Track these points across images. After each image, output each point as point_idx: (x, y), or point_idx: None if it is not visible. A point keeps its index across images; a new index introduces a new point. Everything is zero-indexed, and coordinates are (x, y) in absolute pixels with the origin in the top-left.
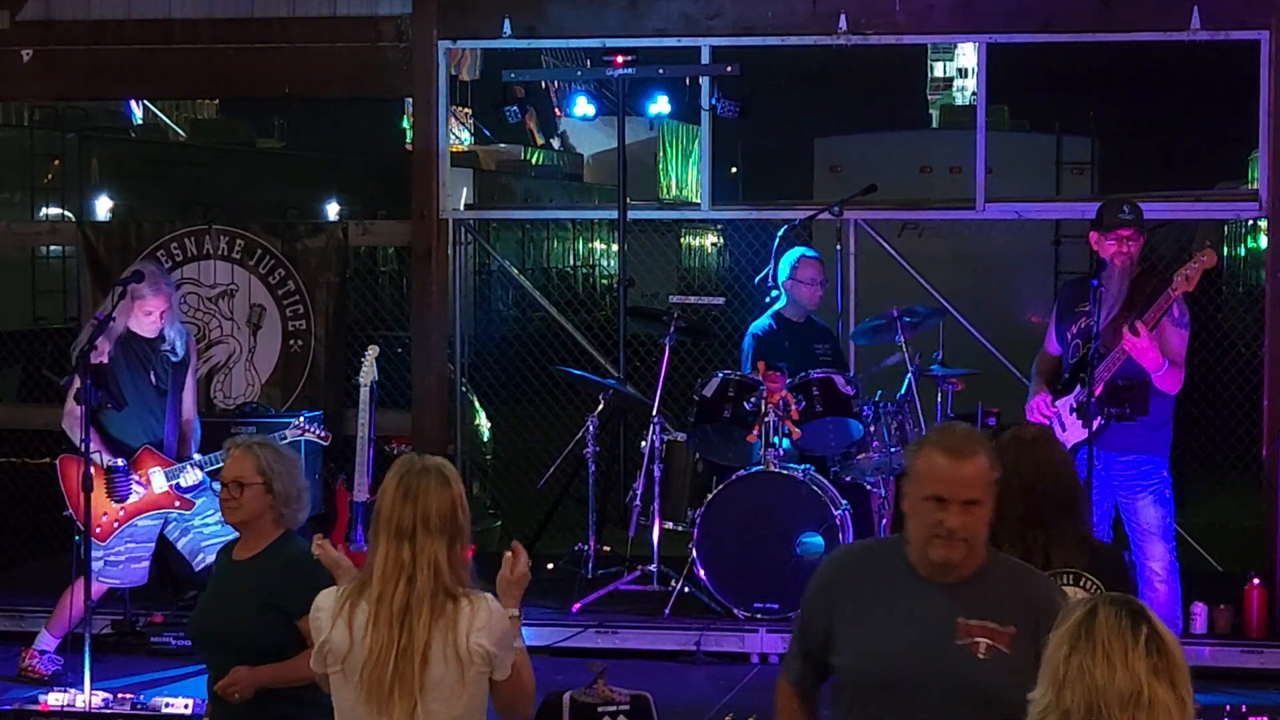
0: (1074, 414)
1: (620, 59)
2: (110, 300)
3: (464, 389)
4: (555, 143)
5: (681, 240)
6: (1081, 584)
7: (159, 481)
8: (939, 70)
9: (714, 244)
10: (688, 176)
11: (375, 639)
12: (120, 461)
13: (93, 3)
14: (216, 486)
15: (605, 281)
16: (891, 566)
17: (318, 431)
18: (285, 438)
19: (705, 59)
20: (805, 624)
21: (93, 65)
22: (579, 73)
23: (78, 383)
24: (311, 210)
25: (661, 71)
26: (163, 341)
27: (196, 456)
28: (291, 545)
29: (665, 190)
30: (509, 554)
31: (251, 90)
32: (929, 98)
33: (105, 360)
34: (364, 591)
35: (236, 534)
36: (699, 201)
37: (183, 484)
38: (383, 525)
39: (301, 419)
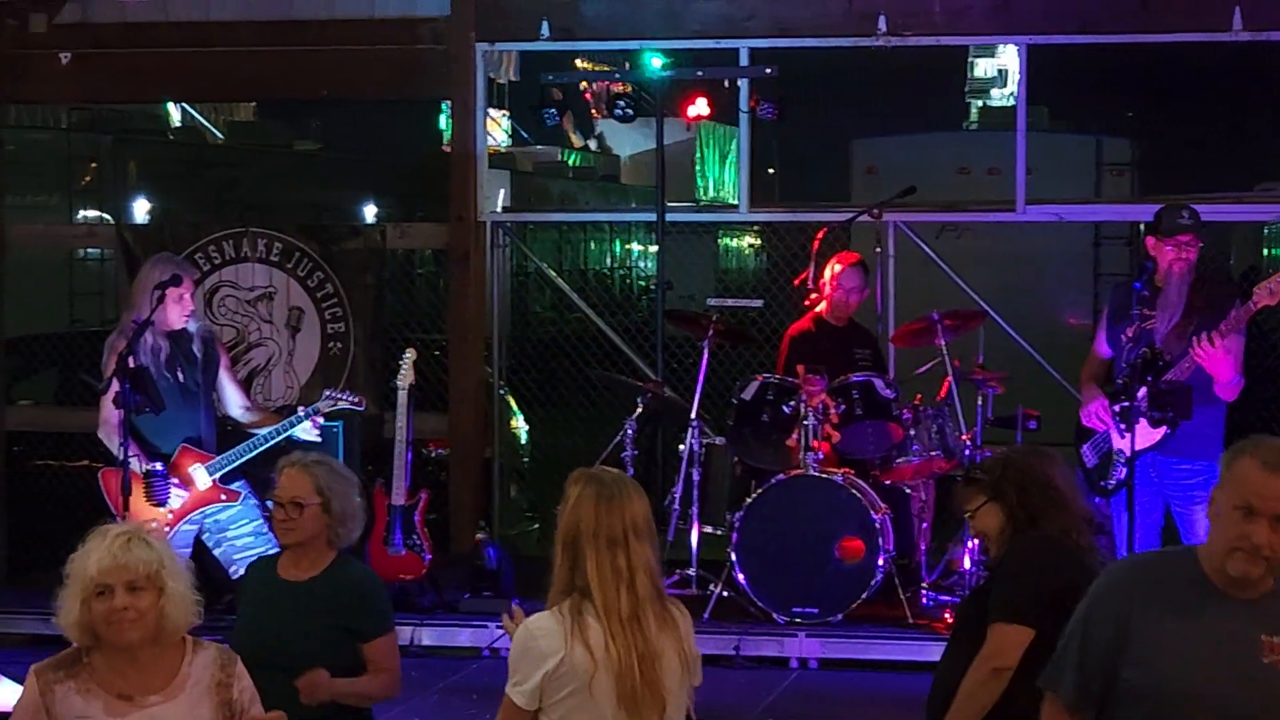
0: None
1: (658, 61)
2: (148, 304)
3: (502, 391)
4: (592, 144)
5: (719, 241)
6: None
7: (201, 478)
8: (980, 70)
9: (751, 245)
10: (725, 178)
11: (616, 651)
12: (158, 465)
13: (130, 6)
14: (250, 497)
15: (642, 283)
16: (1185, 578)
17: (350, 399)
18: (320, 411)
19: (743, 61)
20: (1088, 632)
21: (130, 68)
22: (617, 75)
23: (115, 387)
24: (348, 212)
25: (699, 74)
26: (190, 339)
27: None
28: (354, 567)
29: (703, 192)
30: None
31: (289, 93)
32: (968, 100)
33: (144, 365)
34: (584, 607)
35: (267, 548)
36: (737, 203)
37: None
38: (588, 537)
39: (329, 391)
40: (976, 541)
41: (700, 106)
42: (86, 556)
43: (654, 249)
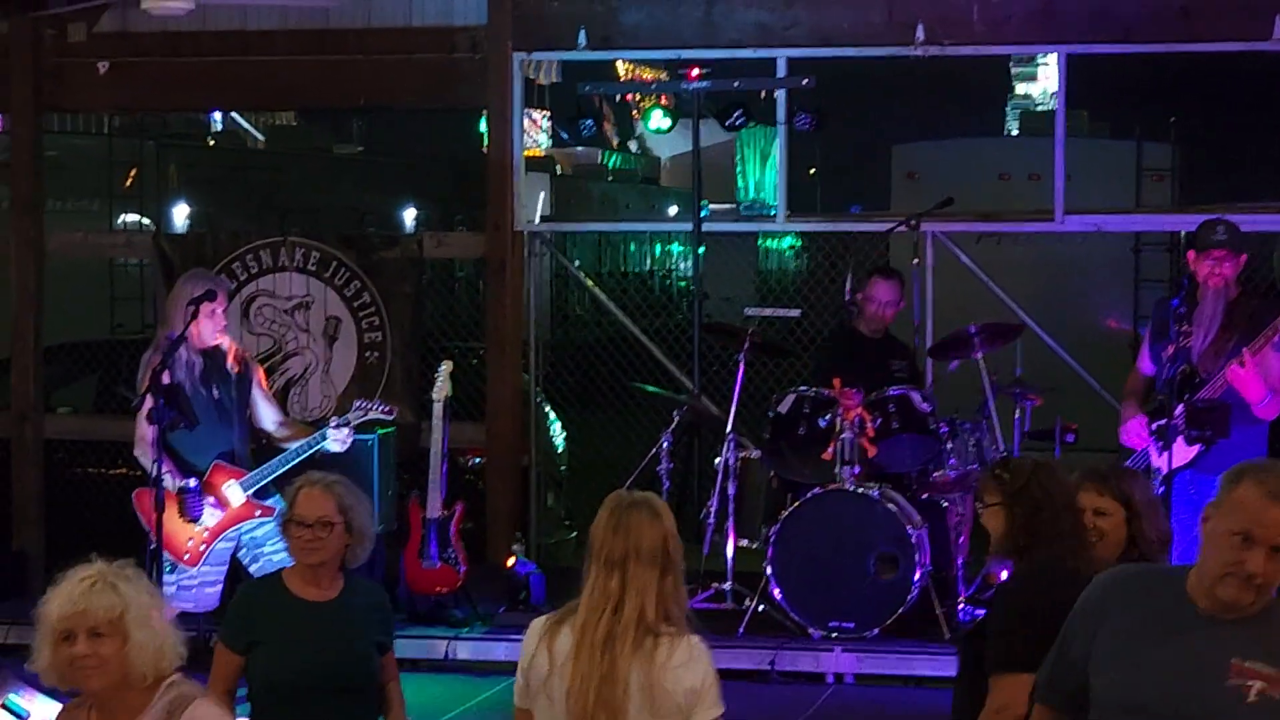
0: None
1: (695, 71)
2: (181, 320)
3: (539, 399)
4: (633, 145)
5: (759, 244)
6: None
7: (236, 494)
8: (1021, 76)
9: (792, 248)
10: (766, 179)
11: (577, 667)
12: (192, 482)
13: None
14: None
15: (683, 284)
16: (1168, 595)
17: (381, 408)
18: (350, 422)
19: (781, 70)
20: (1066, 634)
21: (168, 77)
22: (653, 86)
23: (149, 403)
24: (388, 216)
25: (737, 85)
26: (223, 355)
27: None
28: (366, 582)
29: (743, 192)
30: None
31: (327, 101)
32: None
33: (179, 380)
34: (568, 619)
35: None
36: (775, 205)
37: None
38: (594, 555)
39: (360, 402)
40: None
41: (736, 118)
42: (51, 600)
43: (692, 253)
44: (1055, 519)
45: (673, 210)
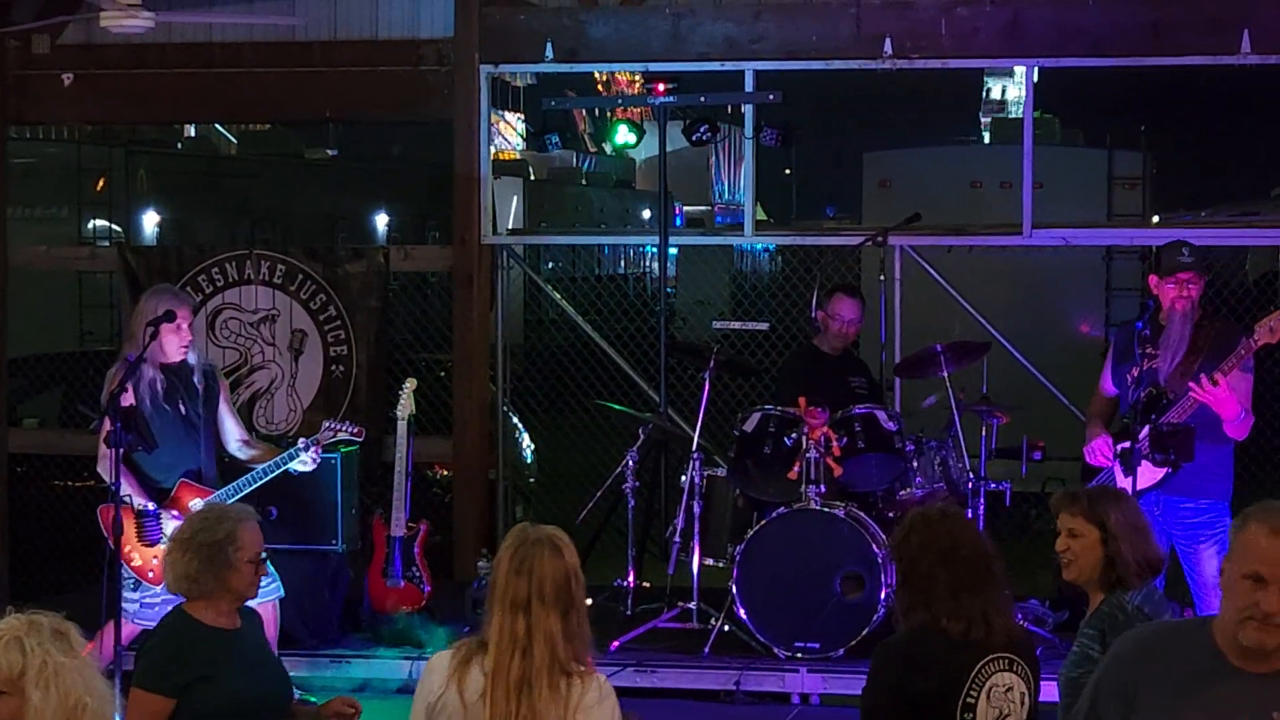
0: (1140, 458)
1: (661, 86)
2: (142, 341)
3: (505, 408)
4: (608, 148)
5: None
6: (1015, 670)
7: None
8: (995, 93)
9: (766, 249)
10: (740, 180)
11: (494, 711)
12: (151, 505)
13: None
14: None
15: (657, 284)
16: (1198, 652)
17: (350, 430)
18: (319, 442)
19: (749, 83)
20: (1095, 704)
21: (133, 89)
22: (619, 101)
23: (108, 425)
24: (361, 222)
25: (703, 100)
26: (191, 371)
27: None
28: (243, 607)
29: (718, 194)
30: None
31: (293, 114)
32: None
33: (142, 399)
34: (475, 657)
35: (268, 582)
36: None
37: None
38: (497, 598)
39: (329, 423)
40: None
41: (702, 133)
42: None
43: (670, 251)
44: (932, 574)
45: (647, 214)
